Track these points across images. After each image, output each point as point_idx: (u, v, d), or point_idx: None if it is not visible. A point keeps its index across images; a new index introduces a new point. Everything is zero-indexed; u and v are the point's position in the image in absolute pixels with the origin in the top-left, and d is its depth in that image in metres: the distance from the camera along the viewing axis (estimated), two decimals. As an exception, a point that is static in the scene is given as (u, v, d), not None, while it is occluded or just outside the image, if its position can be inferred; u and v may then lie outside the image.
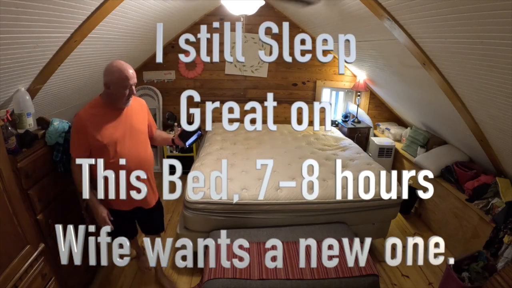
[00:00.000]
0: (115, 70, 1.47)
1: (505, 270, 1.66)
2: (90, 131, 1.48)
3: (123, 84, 1.48)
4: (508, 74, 1.38)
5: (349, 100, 4.33)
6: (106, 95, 1.54)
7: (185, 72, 3.91)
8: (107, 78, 1.48)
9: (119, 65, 1.49)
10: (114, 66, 1.48)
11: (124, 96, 1.52)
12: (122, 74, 1.47)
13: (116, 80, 1.47)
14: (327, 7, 2.44)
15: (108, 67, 1.49)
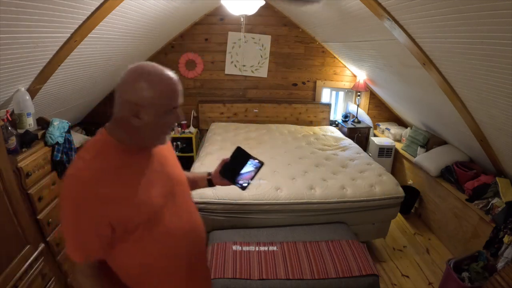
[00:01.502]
0: (156, 81, 0.81)
1: (505, 270, 1.66)
2: (107, 200, 0.77)
3: (169, 107, 0.86)
4: (508, 74, 1.38)
5: (349, 100, 4.33)
6: (128, 130, 0.83)
7: (185, 72, 3.91)
8: (135, 97, 0.78)
9: (158, 71, 0.84)
10: (150, 73, 0.81)
11: (169, 128, 0.92)
12: (169, 87, 0.85)
13: (158, 100, 0.81)
14: (327, 7, 2.44)
15: (136, 76, 0.80)
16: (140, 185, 0.83)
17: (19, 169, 1.45)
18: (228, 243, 1.94)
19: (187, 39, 3.78)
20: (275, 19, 3.75)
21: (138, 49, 3.10)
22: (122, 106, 0.81)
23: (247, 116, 4.03)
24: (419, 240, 2.71)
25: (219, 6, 3.41)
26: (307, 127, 3.91)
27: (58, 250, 1.71)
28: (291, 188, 2.21)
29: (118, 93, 0.81)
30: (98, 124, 4.06)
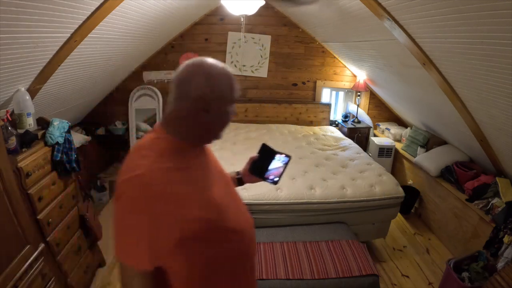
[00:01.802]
0: (222, 74, 0.78)
1: (505, 270, 1.66)
2: (178, 200, 0.73)
3: (232, 100, 0.82)
4: (508, 74, 1.38)
5: (349, 100, 4.33)
6: (192, 127, 0.79)
7: (185, 72, 3.91)
8: (205, 91, 0.75)
9: (220, 64, 0.80)
10: (215, 66, 0.78)
11: (228, 123, 0.84)
12: (232, 80, 0.80)
13: (225, 93, 0.78)
14: (327, 7, 2.44)
15: (203, 71, 0.76)
16: (204, 184, 0.81)
17: (19, 169, 1.45)
18: (228, 243, 1.94)
19: (187, 39, 3.78)
20: (275, 19, 3.76)
21: (138, 49, 3.10)
22: (189, 101, 0.76)
23: (247, 116, 4.03)
24: (419, 240, 2.71)
25: (219, 6, 3.41)
26: (307, 127, 3.91)
27: (58, 250, 1.71)
28: (291, 188, 2.21)
29: (182, 89, 0.76)
30: (98, 124, 4.06)
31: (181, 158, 0.78)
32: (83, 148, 3.33)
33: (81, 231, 2.00)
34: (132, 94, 3.88)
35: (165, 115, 0.81)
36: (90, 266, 2.08)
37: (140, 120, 4.01)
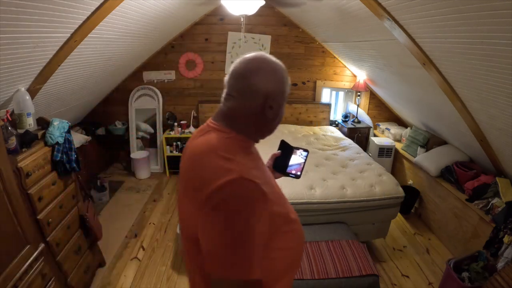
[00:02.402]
0: (281, 70, 0.80)
1: (505, 270, 1.66)
2: (269, 199, 0.71)
3: (287, 96, 0.82)
4: (508, 74, 1.38)
5: (349, 100, 4.33)
6: (256, 124, 0.78)
7: (185, 72, 3.91)
8: (270, 88, 0.75)
9: (278, 61, 0.83)
10: (274, 62, 0.80)
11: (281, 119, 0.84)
12: (287, 75, 0.83)
13: (284, 89, 0.80)
14: (327, 7, 2.44)
15: (266, 67, 0.77)
16: (271, 180, 0.84)
17: (19, 169, 1.45)
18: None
19: (187, 39, 3.78)
20: (275, 19, 3.76)
21: (138, 49, 3.10)
22: (258, 97, 0.75)
23: (247, 116, 4.03)
24: (419, 240, 2.71)
25: (219, 6, 3.41)
26: (307, 127, 3.91)
27: (58, 250, 1.71)
28: (291, 188, 2.21)
29: (249, 85, 0.74)
30: (98, 124, 4.06)
31: (252, 157, 0.80)
32: (83, 148, 3.33)
33: (81, 231, 2.00)
34: (132, 94, 3.88)
35: (228, 112, 0.78)
36: (90, 266, 2.08)
37: (140, 120, 4.01)
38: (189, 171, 0.75)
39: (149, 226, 2.83)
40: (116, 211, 3.06)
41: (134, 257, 2.42)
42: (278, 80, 0.77)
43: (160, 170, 4.02)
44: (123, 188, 3.55)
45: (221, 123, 0.78)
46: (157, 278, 2.21)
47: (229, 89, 0.78)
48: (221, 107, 0.80)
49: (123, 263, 2.35)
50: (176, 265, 2.33)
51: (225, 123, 0.78)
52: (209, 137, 0.76)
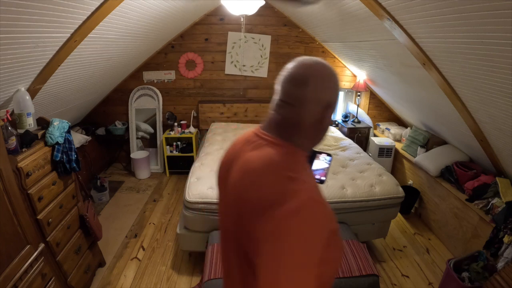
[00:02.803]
0: (336, 75, 0.73)
1: (505, 270, 1.66)
2: (332, 219, 0.70)
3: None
4: (508, 74, 1.38)
5: (349, 100, 4.33)
6: (312, 134, 0.73)
7: (185, 72, 3.91)
8: (330, 95, 0.70)
9: (331, 66, 0.73)
10: (333, 69, 0.72)
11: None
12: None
13: (338, 94, 0.74)
14: (327, 7, 2.44)
15: (327, 73, 0.71)
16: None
17: (19, 169, 1.45)
18: (228, 243, 1.94)
19: (187, 39, 3.78)
20: (275, 19, 3.76)
21: (138, 49, 3.10)
22: (317, 107, 0.69)
23: (247, 116, 4.03)
24: (419, 240, 2.71)
25: (219, 6, 3.42)
26: (307, 127, 3.90)
27: (58, 250, 1.71)
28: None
29: (309, 93, 0.68)
30: (98, 124, 4.07)
31: (310, 172, 0.75)
32: (83, 148, 3.33)
33: (81, 231, 2.00)
34: (132, 94, 3.88)
35: (284, 121, 0.71)
36: (90, 266, 2.08)
37: (140, 120, 4.01)
38: (246, 191, 0.67)
39: (149, 226, 2.83)
40: (116, 211, 3.06)
41: (134, 257, 2.42)
42: (336, 87, 0.72)
43: (160, 170, 4.02)
44: (123, 188, 3.55)
45: (274, 134, 0.71)
46: (157, 278, 2.21)
47: (285, 96, 0.70)
48: (274, 115, 0.73)
49: (123, 263, 2.35)
50: (176, 265, 2.33)
51: (279, 134, 0.71)
52: (267, 152, 0.69)
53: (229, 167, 0.76)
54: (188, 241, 2.22)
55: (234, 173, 0.73)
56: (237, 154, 0.75)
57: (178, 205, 3.20)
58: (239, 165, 0.73)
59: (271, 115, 0.74)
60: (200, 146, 3.48)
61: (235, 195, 0.71)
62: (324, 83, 0.69)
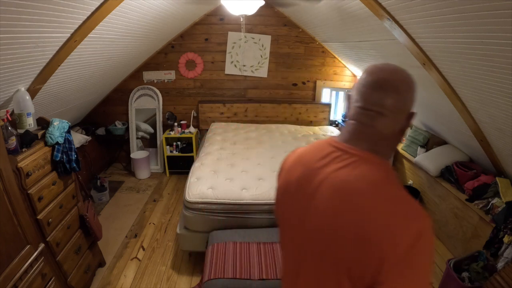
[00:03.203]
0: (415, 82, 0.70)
1: (505, 270, 1.66)
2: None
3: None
4: (508, 74, 1.38)
5: (349, 100, 4.32)
6: (394, 144, 0.72)
7: (185, 72, 3.91)
8: (412, 102, 0.68)
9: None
10: (410, 74, 0.68)
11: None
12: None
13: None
14: (327, 7, 2.44)
15: (409, 78, 0.67)
16: None
17: (19, 169, 1.45)
18: (228, 243, 1.94)
19: (187, 39, 3.78)
20: (275, 19, 3.76)
21: (138, 49, 3.10)
22: (404, 114, 0.67)
23: (247, 116, 4.03)
24: (419, 240, 2.71)
25: (219, 6, 3.42)
26: (307, 127, 3.91)
27: (58, 250, 1.71)
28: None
29: (400, 101, 0.66)
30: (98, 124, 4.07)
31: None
32: (83, 148, 3.33)
33: (81, 231, 2.00)
34: (132, 94, 3.88)
35: (375, 133, 0.67)
36: (90, 266, 2.08)
37: (140, 120, 4.01)
38: (353, 213, 0.62)
39: (149, 226, 2.83)
40: (116, 211, 3.06)
41: (134, 257, 2.42)
42: (416, 94, 0.68)
43: (160, 170, 4.02)
44: (123, 188, 3.55)
45: (361, 147, 0.68)
46: (157, 278, 2.21)
47: (372, 105, 0.66)
48: (361, 128, 0.68)
49: (123, 263, 2.35)
50: (176, 265, 2.33)
51: (368, 148, 0.67)
52: (365, 171, 0.65)
53: (307, 185, 0.71)
54: (188, 241, 2.22)
55: (322, 193, 0.68)
56: (316, 171, 0.70)
57: (178, 205, 3.20)
58: (328, 184, 0.67)
59: (352, 125, 0.69)
60: (200, 146, 3.48)
61: (333, 217, 0.65)
62: (410, 90, 0.66)
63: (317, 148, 0.75)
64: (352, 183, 0.64)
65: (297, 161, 0.77)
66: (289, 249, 0.80)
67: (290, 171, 0.78)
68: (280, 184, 0.82)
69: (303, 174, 0.73)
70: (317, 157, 0.72)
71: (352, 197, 0.63)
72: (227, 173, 2.39)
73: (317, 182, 0.69)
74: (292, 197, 0.75)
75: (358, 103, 0.68)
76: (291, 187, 0.76)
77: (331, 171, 0.67)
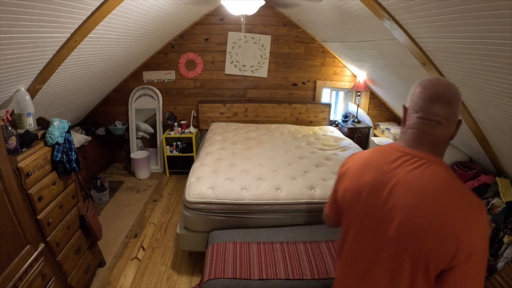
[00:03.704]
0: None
1: (505, 270, 1.66)
2: None
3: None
4: (508, 74, 1.38)
5: (349, 100, 4.33)
6: (448, 144, 0.85)
7: (185, 72, 3.91)
8: (459, 109, 0.81)
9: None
10: (456, 87, 0.81)
11: None
12: None
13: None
14: (327, 7, 2.44)
15: (458, 91, 0.80)
16: None
17: (19, 169, 1.45)
18: (228, 243, 1.94)
19: (187, 39, 3.78)
20: (275, 19, 3.76)
21: (138, 49, 3.10)
22: (454, 124, 0.80)
23: (247, 116, 4.03)
24: (419, 240, 2.71)
25: (219, 6, 3.42)
26: (307, 127, 3.91)
27: (58, 250, 1.71)
28: (291, 188, 2.21)
29: (454, 111, 0.79)
30: (98, 124, 4.07)
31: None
32: (83, 148, 3.33)
33: (81, 231, 2.00)
34: (132, 94, 3.88)
35: (436, 140, 0.80)
36: (90, 266, 2.08)
37: (140, 120, 4.01)
38: (431, 209, 0.73)
39: (149, 226, 2.84)
40: (116, 211, 3.06)
41: (134, 257, 2.42)
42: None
43: (160, 170, 4.02)
44: (123, 188, 3.55)
45: (427, 151, 0.80)
46: (157, 278, 2.21)
47: (432, 115, 0.78)
48: (423, 135, 0.81)
49: (123, 263, 2.35)
50: (176, 265, 2.33)
51: (431, 151, 0.79)
52: (434, 171, 0.77)
53: (381, 186, 0.81)
54: (188, 241, 2.22)
55: (399, 192, 0.77)
56: (388, 173, 0.81)
57: (178, 205, 3.20)
58: (403, 184, 0.77)
59: (414, 133, 0.82)
60: (200, 146, 3.48)
61: (413, 213, 0.74)
62: (459, 101, 0.79)
63: (382, 153, 0.87)
64: (427, 182, 0.75)
65: (364, 165, 0.88)
66: (361, 245, 0.88)
67: (359, 174, 0.87)
68: (349, 186, 0.90)
69: (376, 177, 0.82)
70: (387, 161, 0.83)
71: (429, 194, 0.73)
72: (227, 173, 2.39)
73: (392, 183, 0.79)
74: (366, 197, 0.84)
75: (419, 113, 0.81)
76: (364, 189, 0.84)
77: (405, 173, 0.78)
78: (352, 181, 0.89)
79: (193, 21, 3.68)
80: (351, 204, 0.89)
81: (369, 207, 0.83)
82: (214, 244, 1.95)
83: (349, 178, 0.91)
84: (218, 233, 2.06)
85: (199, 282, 2.11)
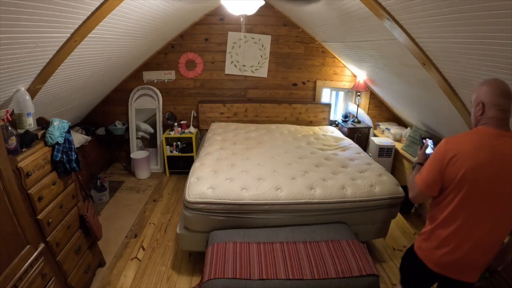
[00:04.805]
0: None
1: (505, 270, 1.66)
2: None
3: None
4: (508, 74, 1.38)
5: (349, 100, 4.33)
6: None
7: (185, 72, 3.91)
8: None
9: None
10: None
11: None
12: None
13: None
14: (327, 7, 2.44)
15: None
16: None
17: (19, 169, 1.45)
18: (228, 243, 1.94)
19: (187, 39, 3.78)
20: (275, 19, 3.76)
21: (138, 49, 3.10)
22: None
23: (247, 116, 4.03)
24: (419, 240, 2.71)
25: (219, 6, 3.42)
26: (307, 127, 3.91)
27: (58, 250, 1.71)
28: (291, 188, 2.21)
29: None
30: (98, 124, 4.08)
31: None
32: (83, 148, 3.33)
33: (81, 231, 2.00)
34: (132, 94, 3.88)
35: (508, 122, 1.18)
36: (90, 266, 2.08)
37: (140, 120, 4.01)
38: None
39: (149, 226, 2.84)
40: (116, 211, 3.06)
41: (134, 257, 2.42)
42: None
43: (160, 170, 4.02)
44: (123, 188, 3.55)
45: (506, 129, 1.18)
46: (157, 278, 2.21)
47: (507, 107, 1.16)
48: (503, 122, 1.18)
49: (123, 263, 2.35)
50: (176, 265, 2.33)
51: (510, 130, 1.18)
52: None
53: (498, 158, 1.15)
54: (188, 241, 2.22)
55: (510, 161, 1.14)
56: (499, 149, 1.15)
57: (178, 205, 3.20)
58: (503, 156, 1.15)
59: (497, 120, 1.18)
60: (200, 146, 3.48)
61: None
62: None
63: (483, 136, 1.19)
64: None
65: (475, 147, 1.17)
66: (477, 205, 1.20)
67: (476, 155, 1.16)
68: (470, 165, 1.17)
69: (492, 153, 1.15)
70: (492, 140, 1.16)
71: None
72: (227, 173, 2.39)
73: (505, 155, 1.14)
74: (488, 169, 1.15)
75: (497, 107, 1.17)
76: (485, 164, 1.15)
77: (508, 145, 1.15)
78: (473, 161, 1.16)
79: (193, 21, 3.68)
80: (474, 174, 1.16)
81: (492, 174, 1.15)
82: (214, 244, 1.95)
83: (466, 159, 1.17)
84: (218, 233, 2.06)
85: (199, 282, 2.11)
